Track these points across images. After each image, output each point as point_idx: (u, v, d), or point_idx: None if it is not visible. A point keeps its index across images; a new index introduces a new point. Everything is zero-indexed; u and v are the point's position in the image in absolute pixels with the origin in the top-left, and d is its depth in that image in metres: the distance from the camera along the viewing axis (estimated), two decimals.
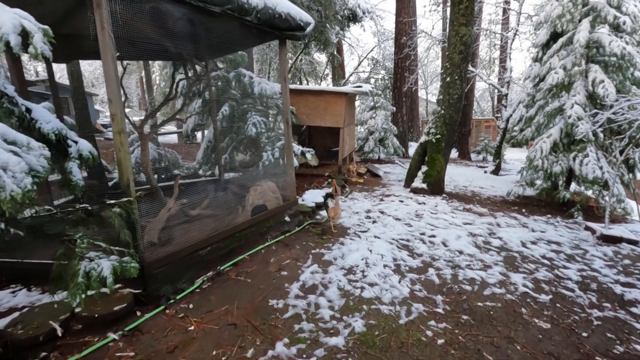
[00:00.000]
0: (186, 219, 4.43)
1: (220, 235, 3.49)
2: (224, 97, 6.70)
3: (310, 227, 4.71)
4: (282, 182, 4.70)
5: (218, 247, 3.46)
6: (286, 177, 4.63)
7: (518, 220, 6.08)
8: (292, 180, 4.65)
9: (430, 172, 7.01)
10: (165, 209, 4.29)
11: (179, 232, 3.70)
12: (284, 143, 6.85)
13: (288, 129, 4.55)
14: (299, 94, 8.27)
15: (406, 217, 5.69)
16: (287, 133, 4.56)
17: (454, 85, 6.82)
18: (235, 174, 6.51)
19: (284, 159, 6.10)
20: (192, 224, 3.77)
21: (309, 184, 7.70)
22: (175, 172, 7.09)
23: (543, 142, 7.00)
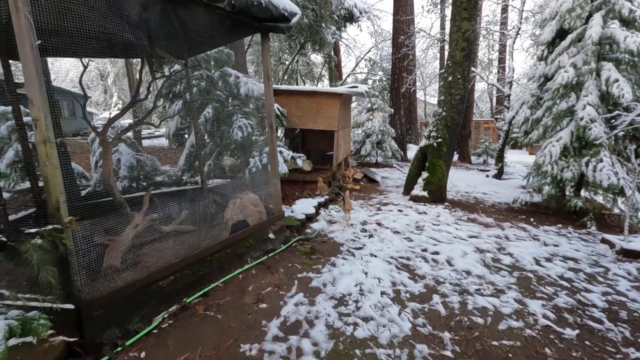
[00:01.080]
0: (159, 236, 3.89)
1: (188, 260, 2.95)
2: (207, 98, 6.17)
3: (298, 245, 4.17)
4: (265, 194, 4.17)
5: (184, 275, 2.92)
6: (270, 188, 4.10)
7: (528, 232, 5.56)
8: (278, 191, 4.12)
9: (431, 179, 6.50)
10: (132, 226, 3.75)
11: (150, 251, 3.19)
12: None
13: (272, 134, 4.02)
14: (290, 95, 7.75)
15: (406, 230, 5.17)
16: (271, 138, 4.03)
17: (456, 85, 6.31)
18: (219, 181, 5.97)
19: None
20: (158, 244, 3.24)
21: (300, 191, 7.17)
22: (156, 180, 6.56)
23: (552, 146, 6.50)
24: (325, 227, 5.17)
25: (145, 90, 4.54)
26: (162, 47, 4.41)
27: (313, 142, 10.27)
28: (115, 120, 3.84)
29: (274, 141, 4.03)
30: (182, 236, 3.56)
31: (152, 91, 4.35)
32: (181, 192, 5.11)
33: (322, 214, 5.78)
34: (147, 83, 4.67)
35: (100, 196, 4.63)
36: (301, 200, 5.88)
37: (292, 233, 4.41)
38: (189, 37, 4.13)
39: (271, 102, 3.98)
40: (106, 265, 3.26)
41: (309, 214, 5.28)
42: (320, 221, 5.39)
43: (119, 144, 6.44)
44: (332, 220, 5.52)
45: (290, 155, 6.25)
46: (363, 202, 6.85)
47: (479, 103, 38.77)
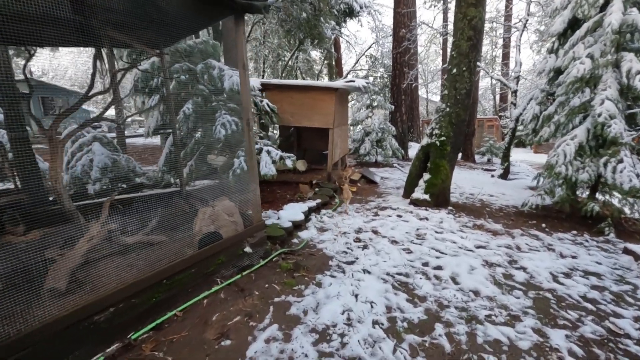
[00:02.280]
0: (120, 249, 3.37)
1: (138, 286, 2.42)
2: (188, 92, 5.63)
3: (280, 259, 3.64)
4: (242, 200, 3.64)
5: (130, 305, 2.39)
6: (248, 194, 3.56)
7: (541, 241, 5.00)
8: (257, 198, 3.58)
9: (434, 181, 5.94)
10: (86, 239, 3.23)
11: (107, 268, 2.66)
12: (259, 147, 5.80)
13: (249, 132, 3.48)
14: (282, 90, 7.20)
15: (405, 239, 4.62)
16: (249, 136, 3.49)
17: (462, 79, 5.75)
18: (199, 185, 5.44)
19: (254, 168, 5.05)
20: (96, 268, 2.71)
21: (292, 194, 6.63)
22: (128, 183, 6.03)
23: (566, 145, 5.93)
24: (315, 235, 4.64)
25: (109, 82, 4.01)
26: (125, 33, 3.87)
27: (309, 140, 9.72)
28: (66, 117, 3.31)
29: (252, 140, 3.49)
30: (142, 252, 3.03)
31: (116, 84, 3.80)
32: (155, 196, 4.58)
33: (313, 220, 5.24)
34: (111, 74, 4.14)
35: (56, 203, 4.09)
36: (290, 205, 5.34)
37: (274, 246, 3.87)
38: (156, 20, 3.58)
39: (247, 94, 3.44)
40: (48, 287, 2.75)
41: (297, 221, 4.75)
42: (310, 229, 4.85)
43: (92, 143, 5.94)
44: (324, 228, 4.98)
45: (278, 155, 5.71)
46: (359, 205, 6.30)
47: (482, 101, 38.08)
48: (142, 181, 5.62)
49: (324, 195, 6.37)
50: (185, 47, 6.19)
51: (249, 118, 3.44)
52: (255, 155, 3.53)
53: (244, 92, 3.42)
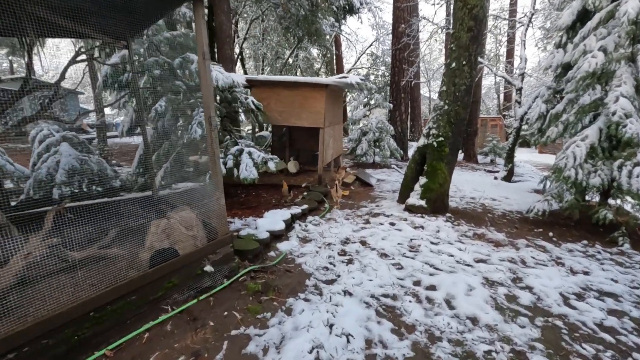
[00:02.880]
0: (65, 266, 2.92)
1: (52, 323, 1.96)
2: (162, 88, 5.19)
3: (248, 279, 3.16)
4: (201, 211, 3.17)
5: (42, 347, 1.92)
6: (211, 204, 3.10)
7: (548, 253, 4.50)
8: (221, 208, 3.11)
9: (431, 186, 5.45)
10: (21, 255, 2.78)
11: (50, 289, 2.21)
12: (240, 148, 5.34)
13: (211, 132, 3.01)
14: (270, 87, 6.73)
15: (396, 252, 4.14)
16: (210, 137, 3.02)
17: (461, 74, 5.25)
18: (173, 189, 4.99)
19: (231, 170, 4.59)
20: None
21: (279, 198, 6.17)
22: (115, 186, 5.60)
23: (576, 146, 5.42)
24: (296, 247, 4.16)
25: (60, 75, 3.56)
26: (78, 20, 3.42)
27: (302, 140, 9.24)
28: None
29: (213, 141, 3.02)
30: (115, 259, 2.57)
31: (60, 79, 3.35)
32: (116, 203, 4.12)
33: (297, 229, 4.77)
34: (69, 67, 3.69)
35: None
36: (272, 212, 4.87)
37: (243, 262, 3.39)
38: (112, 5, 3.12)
39: (209, 88, 2.97)
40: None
41: (276, 231, 4.27)
42: (292, 239, 4.38)
43: (60, 144, 5.51)
44: (307, 238, 4.50)
45: (261, 157, 5.24)
46: (350, 211, 5.82)
47: (486, 100, 37.39)
48: (112, 185, 5.17)
49: (312, 201, 5.89)
50: (162, 39, 5.74)
51: (211, 115, 2.97)
52: (218, 159, 3.06)
53: (205, 85, 2.95)
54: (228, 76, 5.50)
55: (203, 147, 5.46)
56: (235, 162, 5.19)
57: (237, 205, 5.74)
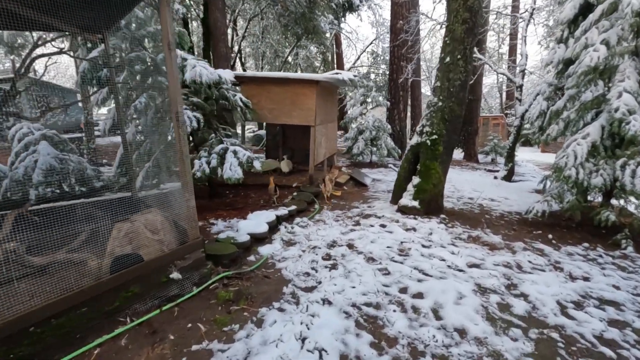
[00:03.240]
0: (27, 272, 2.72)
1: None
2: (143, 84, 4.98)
3: (220, 286, 2.95)
4: (170, 214, 2.96)
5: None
6: (179, 206, 2.89)
7: (547, 257, 4.26)
8: (191, 211, 2.90)
9: (424, 186, 5.21)
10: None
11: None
12: (224, 147, 5.13)
13: (179, 128, 2.80)
14: (259, 83, 6.52)
15: (384, 256, 3.91)
16: (178, 135, 2.81)
17: (456, 68, 5.01)
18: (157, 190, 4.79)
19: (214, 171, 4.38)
20: None
21: (267, 199, 5.95)
22: (96, 186, 5.41)
23: (577, 145, 5.17)
24: (278, 251, 3.95)
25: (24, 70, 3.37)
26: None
27: (296, 139, 9.02)
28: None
29: (183, 138, 2.81)
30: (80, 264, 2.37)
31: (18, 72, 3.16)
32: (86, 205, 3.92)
33: (282, 231, 4.56)
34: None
35: None
36: (256, 214, 4.66)
37: (216, 268, 3.16)
38: None
39: (175, 81, 2.76)
40: None
41: (258, 234, 4.06)
42: (275, 242, 4.16)
43: (39, 142, 5.32)
44: (292, 241, 4.29)
45: (246, 156, 5.03)
46: (340, 212, 5.59)
47: (488, 99, 37.01)
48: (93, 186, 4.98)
49: (301, 201, 5.68)
50: (145, 34, 5.54)
51: (178, 111, 2.75)
52: (187, 158, 2.84)
53: (171, 78, 2.74)
54: (213, 72, 5.29)
55: None
56: (220, 162, 4.98)
57: (223, 206, 5.53)
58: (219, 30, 12.25)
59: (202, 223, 4.69)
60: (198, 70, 5.07)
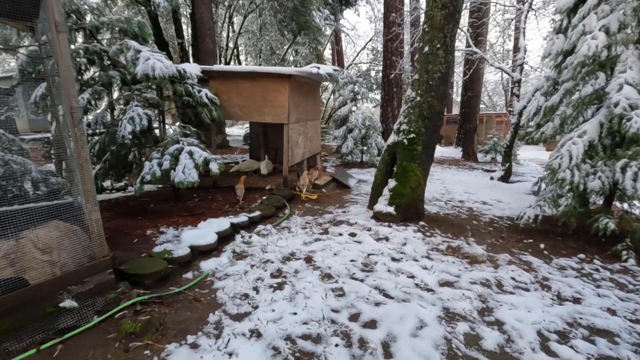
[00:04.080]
0: None
1: None
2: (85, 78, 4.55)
3: (130, 313, 2.48)
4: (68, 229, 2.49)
5: None
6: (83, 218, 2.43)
7: (534, 272, 3.74)
8: (96, 225, 2.44)
9: (401, 190, 4.70)
10: None
11: None
12: (180, 147, 4.68)
13: (74, 127, 2.33)
14: (228, 78, 6.05)
15: (343, 273, 3.42)
16: (75, 134, 2.34)
17: (435, 59, 4.49)
18: None
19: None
20: None
21: (234, 203, 5.49)
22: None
23: (573, 144, 4.63)
24: (223, 266, 3.48)
25: None
26: None
27: (279, 138, 8.53)
28: None
29: (80, 138, 2.34)
30: None
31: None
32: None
33: (237, 241, 4.09)
34: None
35: None
36: (209, 221, 4.19)
37: (130, 290, 2.68)
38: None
39: (66, 70, 2.29)
40: None
41: (203, 246, 3.59)
42: (224, 255, 3.69)
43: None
44: (243, 254, 3.81)
45: (203, 157, 4.57)
46: (311, 218, 5.11)
47: (494, 96, 36.13)
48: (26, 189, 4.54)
49: (270, 206, 5.20)
50: (98, 24, 5.10)
51: (73, 106, 2.29)
52: (88, 163, 2.38)
53: (62, 66, 2.27)
54: (169, 65, 4.83)
55: (130, 147, 4.81)
56: (174, 163, 4.53)
57: (182, 211, 5.08)
58: (204, 25, 11.82)
59: (151, 232, 4.24)
60: (151, 63, 4.61)
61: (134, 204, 5.51)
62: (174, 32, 15.64)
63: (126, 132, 4.34)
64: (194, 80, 5.57)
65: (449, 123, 22.86)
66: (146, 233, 4.20)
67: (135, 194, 4.31)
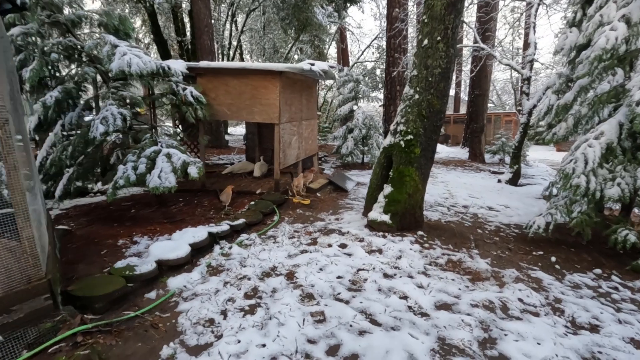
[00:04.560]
0: None
1: None
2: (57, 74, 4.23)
3: (68, 346, 2.12)
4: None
5: None
6: (10, 238, 2.08)
7: (544, 292, 3.32)
8: (27, 243, 2.10)
9: (397, 197, 4.30)
10: None
11: None
12: (158, 149, 4.34)
13: (4, 126, 1.98)
14: (217, 75, 5.70)
15: (327, 292, 3.04)
16: (0, 139, 1.99)
17: (435, 53, 4.07)
18: None
19: None
20: None
21: (222, 208, 5.14)
22: None
23: (588, 147, 4.18)
24: (193, 283, 3.12)
25: None
26: None
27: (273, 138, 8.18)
28: None
29: (6, 142, 1.99)
30: None
31: None
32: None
33: (215, 253, 3.73)
34: None
35: None
36: (184, 232, 3.83)
37: (75, 317, 2.33)
38: None
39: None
40: None
41: (172, 260, 3.24)
42: (196, 270, 3.33)
43: None
44: (220, 268, 3.45)
45: (181, 160, 4.22)
46: (301, 226, 4.73)
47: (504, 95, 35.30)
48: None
49: (257, 212, 4.84)
50: (74, 18, 4.78)
51: (4, 100, 1.94)
52: (18, 170, 2.04)
53: None
54: (148, 61, 4.49)
55: (106, 147, 4.49)
56: (150, 167, 4.19)
57: (162, 217, 4.74)
58: (201, 22, 11.51)
59: (123, 241, 3.91)
60: (127, 59, 4.27)
61: (115, 209, 5.19)
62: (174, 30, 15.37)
63: (98, 133, 4.01)
64: (178, 78, 5.23)
65: (456, 122, 22.32)
66: (118, 243, 3.87)
67: (107, 200, 3.98)
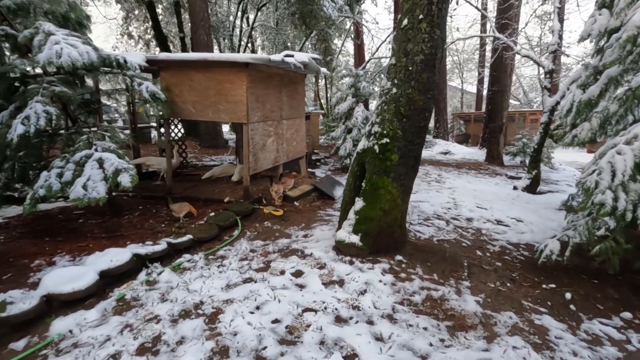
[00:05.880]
0: None
1: None
2: None
3: None
4: None
5: None
6: None
7: (549, 352, 2.46)
8: None
9: (369, 213, 3.50)
10: None
11: None
12: (89, 153, 3.73)
13: None
14: (180, 68, 5.06)
15: (251, 346, 2.31)
16: None
17: (417, 35, 3.25)
18: None
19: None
20: None
21: (177, 220, 4.50)
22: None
23: (617, 154, 3.26)
24: (84, 327, 2.46)
25: None
26: None
27: None
28: None
29: None
30: None
31: None
32: None
33: (137, 281, 3.08)
34: None
35: None
36: (105, 253, 3.18)
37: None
38: None
39: None
40: None
41: (66, 294, 2.60)
42: (96, 307, 2.67)
43: None
44: (131, 303, 2.78)
45: (113, 166, 3.59)
46: (262, 244, 4.01)
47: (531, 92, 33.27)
48: None
49: (212, 226, 4.17)
50: (10, 4, 4.25)
51: None
52: None
53: None
54: (87, 51, 3.89)
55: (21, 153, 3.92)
56: (78, 174, 3.58)
57: (102, 230, 4.14)
58: (197, 15, 10.99)
59: (40, 261, 3.33)
60: (57, 49, 3.68)
61: (62, 219, 4.66)
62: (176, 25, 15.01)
63: (15, 134, 3.44)
64: (134, 72, 4.63)
65: (476, 121, 21.01)
66: (32, 264, 3.29)
67: (24, 214, 3.41)
